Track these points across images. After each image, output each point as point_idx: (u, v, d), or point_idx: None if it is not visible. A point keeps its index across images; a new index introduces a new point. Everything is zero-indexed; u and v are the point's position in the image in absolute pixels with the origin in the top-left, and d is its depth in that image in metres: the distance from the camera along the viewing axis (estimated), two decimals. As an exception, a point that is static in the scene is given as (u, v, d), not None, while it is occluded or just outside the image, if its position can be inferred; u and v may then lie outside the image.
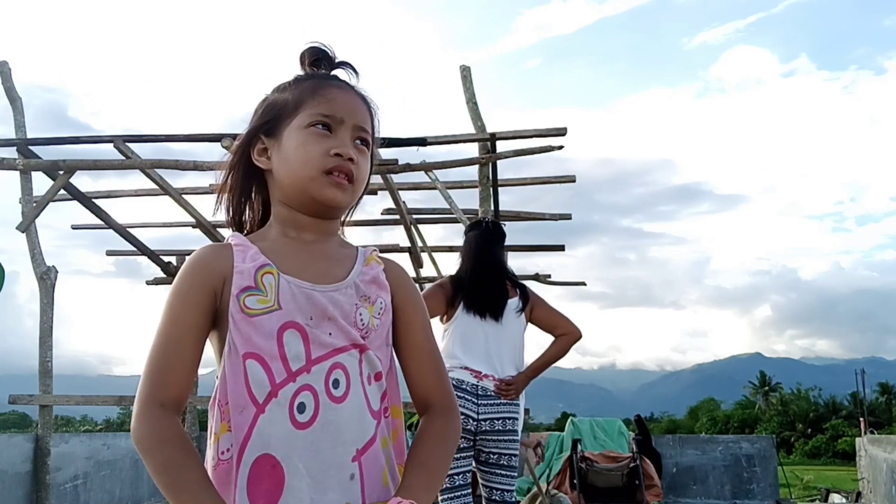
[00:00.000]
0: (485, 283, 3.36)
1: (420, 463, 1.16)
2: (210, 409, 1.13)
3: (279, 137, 1.19)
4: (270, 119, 1.20)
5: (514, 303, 3.37)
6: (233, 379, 1.09)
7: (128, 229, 7.35)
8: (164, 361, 1.10)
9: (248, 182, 1.24)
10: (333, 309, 1.14)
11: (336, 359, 1.12)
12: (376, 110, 1.26)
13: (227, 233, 1.26)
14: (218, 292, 1.12)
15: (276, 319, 1.10)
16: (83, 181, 6.60)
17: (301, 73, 1.25)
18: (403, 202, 6.52)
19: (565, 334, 3.41)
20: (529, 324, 3.45)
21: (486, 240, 3.47)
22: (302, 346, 1.10)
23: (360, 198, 1.27)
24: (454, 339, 3.30)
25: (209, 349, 1.17)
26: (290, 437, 1.07)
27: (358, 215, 1.33)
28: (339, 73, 1.26)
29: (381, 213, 7.39)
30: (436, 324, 3.37)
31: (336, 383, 1.11)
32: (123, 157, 5.92)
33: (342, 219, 1.29)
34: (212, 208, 1.30)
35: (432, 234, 7.87)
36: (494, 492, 3.23)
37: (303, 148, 1.16)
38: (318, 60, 1.24)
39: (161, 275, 8.20)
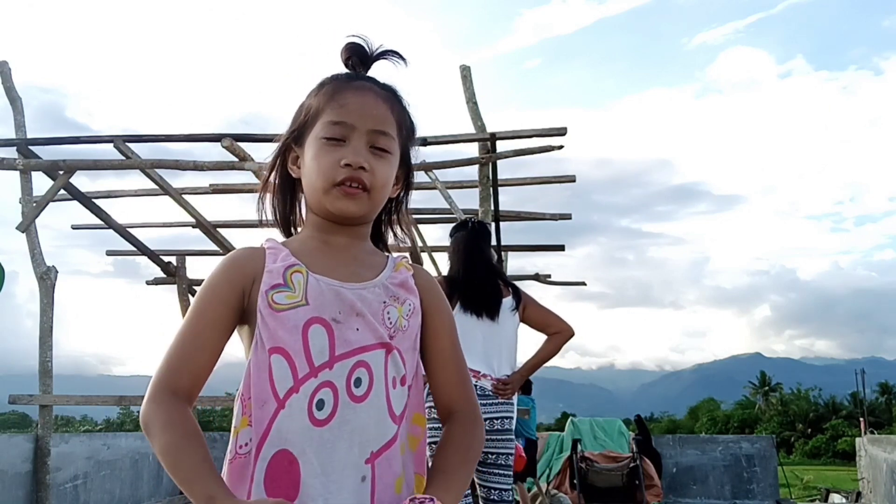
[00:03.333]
0: (478, 283, 3.37)
1: (438, 469, 1.16)
2: (235, 404, 1.14)
3: (303, 147, 1.20)
4: (297, 128, 1.21)
5: (508, 302, 3.38)
6: (257, 373, 1.10)
7: (128, 229, 7.35)
8: (182, 351, 1.11)
9: (288, 188, 1.25)
10: (362, 305, 1.14)
11: (361, 357, 1.12)
12: (407, 105, 1.24)
13: (228, 233, 1.27)
14: (247, 291, 1.13)
15: (303, 314, 1.11)
16: (82, 181, 6.60)
17: (327, 76, 1.23)
18: (403, 202, 6.51)
19: (558, 333, 3.43)
20: (522, 323, 3.46)
21: (474, 240, 3.48)
22: (326, 341, 1.11)
23: (407, 199, 1.29)
24: None
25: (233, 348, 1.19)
26: (308, 433, 1.07)
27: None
28: (382, 65, 1.24)
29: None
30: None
31: (358, 382, 1.11)
32: (123, 157, 5.92)
33: (393, 218, 1.30)
34: (211, 208, 1.31)
35: (432, 234, 7.88)
36: (492, 491, 3.23)
37: (316, 160, 1.16)
38: (349, 59, 1.23)
39: (161, 275, 8.20)
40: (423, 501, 1.05)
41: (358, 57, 1.23)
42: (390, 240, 1.33)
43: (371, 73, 1.25)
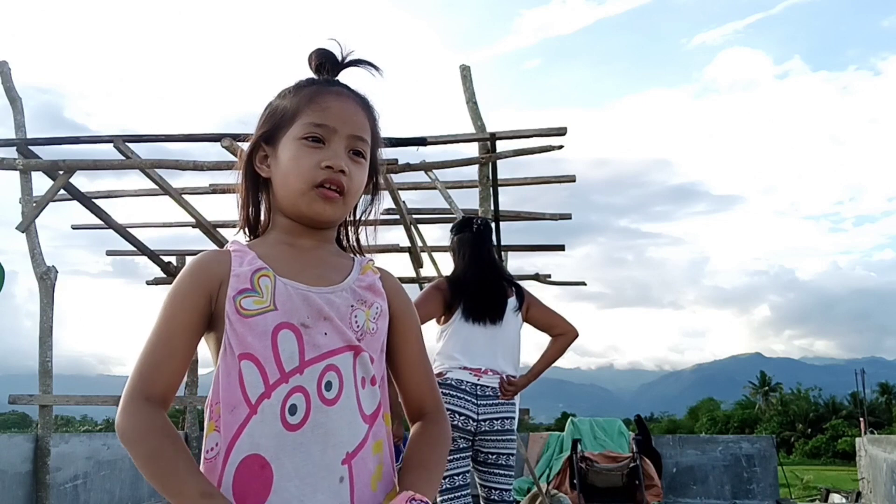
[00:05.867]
0: (485, 286, 3.35)
1: (419, 464, 1.19)
2: (204, 411, 1.15)
3: (277, 147, 1.21)
4: (270, 128, 1.21)
5: (511, 302, 3.36)
6: (226, 379, 1.10)
7: (127, 229, 7.35)
8: (153, 358, 1.11)
9: (255, 188, 1.26)
10: (329, 309, 1.14)
11: (330, 360, 1.13)
12: (378, 116, 1.25)
13: (227, 233, 1.27)
14: (214, 296, 1.13)
15: (272, 319, 1.11)
16: (82, 181, 6.60)
17: (303, 78, 1.24)
18: (403, 202, 6.52)
19: (562, 334, 3.41)
20: (526, 323, 3.45)
21: (481, 240, 3.46)
22: (296, 346, 1.11)
23: (372, 206, 1.30)
24: (453, 340, 3.29)
25: (203, 349, 1.19)
26: (281, 438, 1.08)
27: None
28: (353, 71, 1.25)
29: (381, 213, 7.38)
30: (432, 325, 3.37)
31: (329, 385, 1.12)
32: (123, 157, 5.92)
33: (348, 229, 1.30)
34: (211, 208, 1.31)
35: (432, 234, 7.88)
36: (493, 491, 3.23)
37: (295, 160, 1.17)
38: (322, 65, 1.24)
39: (161, 275, 8.20)
40: (421, 501, 1.08)
41: (331, 63, 1.24)
42: (364, 243, 1.32)
43: (344, 78, 1.26)
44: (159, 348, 1.11)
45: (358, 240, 1.32)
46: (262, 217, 1.27)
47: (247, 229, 1.28)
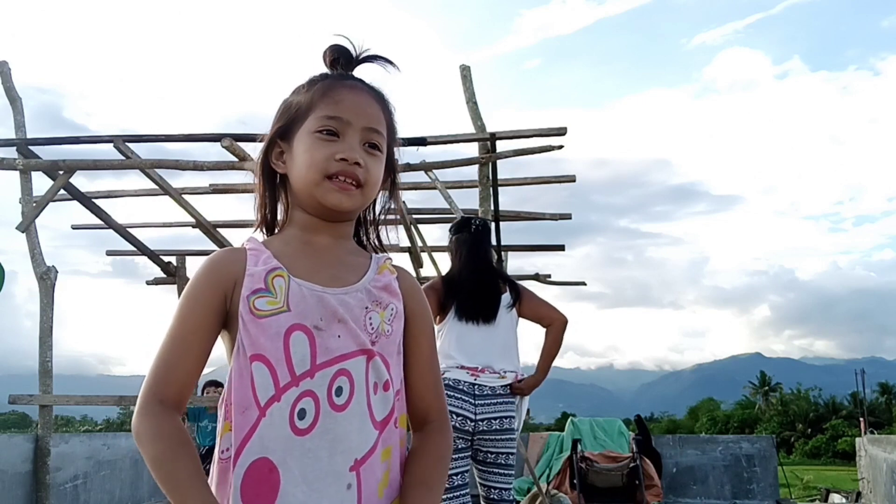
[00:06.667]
0: (479, 286, 3.37)
1: (421, 482, 1.16)
2: (218, 409, 1.14)
3: (292, 141, 1.20)
4: (285, 123, 1.21)
5: (505, 299, 3.39)
6: (238, 380, 1.10)
7: (128, 229, 7.35)
8: (168, 359, 1.11)
9: (272, 185, 1.25)
10: (343, 311, 1.13)
11: (341, 365, 1.11)
12: (393, 109, 1.24)
13: (227, 233, 1.27)
14: (228, 295, 1.13)
15: (285, 321, 1.10)
16: (81, 181, 6.59)
17: (317, 74, 1.23)
18: (403, 202, 6.52)
19: (551, 324, 3.45)
20: (523, 319, 3.47)
21: (478, 241, 3.48)
22: (308, 349, 1.10)
23: (394, 200, 1.29)
24: (449, 339, 3.32)
25: (219, 349, 1.18)
26: (289, 442, 1.07)
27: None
28: (368, 67, 1.24)
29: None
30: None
31: (339, 391, 1.11)
32: (123, 157, 5.92)
33: (368, 227, 1.29)
34: (211, 208, 1.30)
35: (432, 234, 7.88)
36: (493, 491, 3.23)
37: (309, 153, 1.16)
38: (336, 60, 1.23)
39: (161, 275, 8.20)
40: None
41: (345, 58, 1.23)
42: (384, 241, 1.32)
43: (357, 74, 1.25)
44: (173, 349, 1.11)
45: (379, 238, 1.30)
46: (280, 214, 1.26)
47: (264, 227, 1.26)
